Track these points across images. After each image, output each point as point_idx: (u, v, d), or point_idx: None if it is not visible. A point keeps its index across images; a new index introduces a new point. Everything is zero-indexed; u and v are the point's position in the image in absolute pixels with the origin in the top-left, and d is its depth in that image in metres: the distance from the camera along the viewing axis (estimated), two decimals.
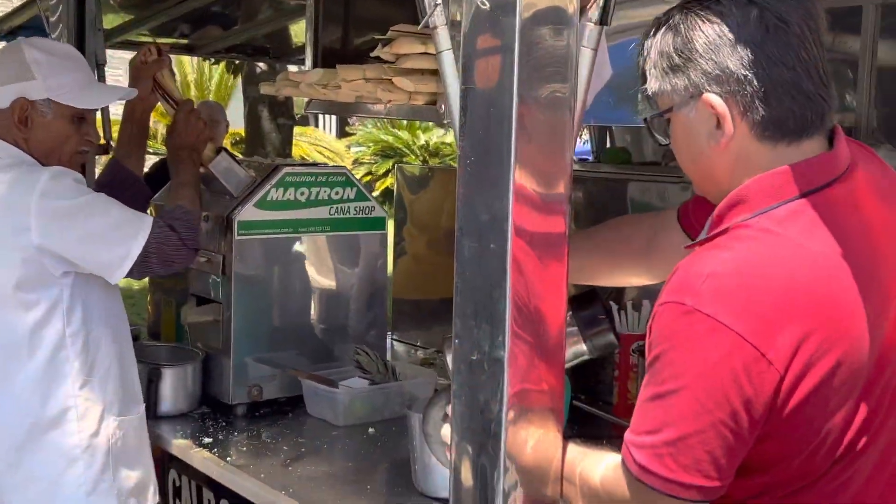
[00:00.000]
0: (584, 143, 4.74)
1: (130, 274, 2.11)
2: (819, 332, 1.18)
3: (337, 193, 2.63)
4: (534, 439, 1.45)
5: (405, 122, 16.99)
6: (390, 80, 2.00)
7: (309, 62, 2.46)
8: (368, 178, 16.23)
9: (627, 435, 1.30)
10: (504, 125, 1.38)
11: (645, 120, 1.43)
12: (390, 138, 16.34)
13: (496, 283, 1.41)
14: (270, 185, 2.51)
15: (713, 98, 1.27)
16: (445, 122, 1.77)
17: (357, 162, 16.71)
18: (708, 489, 1.23)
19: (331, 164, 15.28)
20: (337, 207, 2.63)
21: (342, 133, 20.45)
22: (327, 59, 2.38)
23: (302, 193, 2.57)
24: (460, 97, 1.45)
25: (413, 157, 15.64)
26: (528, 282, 1.41)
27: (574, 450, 1.43)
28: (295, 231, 2.58)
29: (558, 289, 1.43)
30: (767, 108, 1.26)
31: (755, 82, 1.25)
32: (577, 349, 1.75)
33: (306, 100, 2.39)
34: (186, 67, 15.68)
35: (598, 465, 1.38)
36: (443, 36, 1.51)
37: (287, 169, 2.55)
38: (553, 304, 1.44)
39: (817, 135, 1.29)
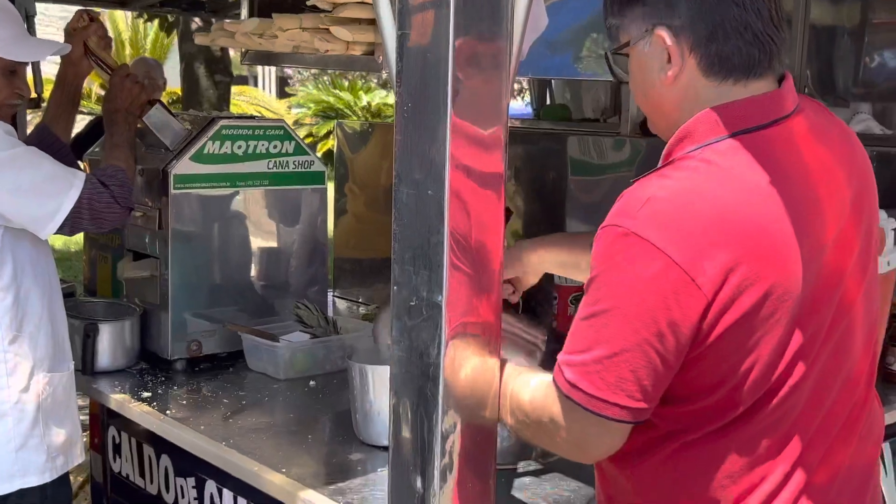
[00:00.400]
0: (525, 105, 4.76)
1: (62, 230, 2.08)
2: (748, 261, 1.21)
3: (275, 147, 2.61)
4: (473, 380, 1.47)
5: (346, 82, 16.82)
6: (327, 29, 1.98)
7: (244, 12, 2.42)
8: (310, 139, 16.05)
9: (560, 355, 1.33)
10: (441, 72, 1.38)
11: (606, 56, 1.46)
12: (331, 99, 16.18)
13: (434, 229, 1.42)
14: (207, 137, 2.48)
15: (664, 32, 1.31)
16: (384, 71, 1.77)
17: (298, 123, 16.52)
18: (631, 409, 1.27)
19: None
20: (275, 161, 2.61)
21: (282, 93, 20.19)
22: (263, 10, 2.34)
23: (239, 147, 2.54)
24: (397, 44, 1.45)
25: (355, 119, 15.51)
26: (466, 227, 1.42)
27: (509, 368, 1.48)
28: (233, 185, 2.56)
29: (496, 231, 1.45)
30: (715, 44, 1.30)
31: (705, 19, 1.29)
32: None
33: (242, 51, 2.35)
34: (121, 25, 15.31)
35: (528, 383, 1.42)
36: None
37: (224, 122, 2.52)
38: (491, 246, 1.46)
39: (766, 75, 1.33)
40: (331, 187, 3.49)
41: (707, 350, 1.25)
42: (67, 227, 2.09)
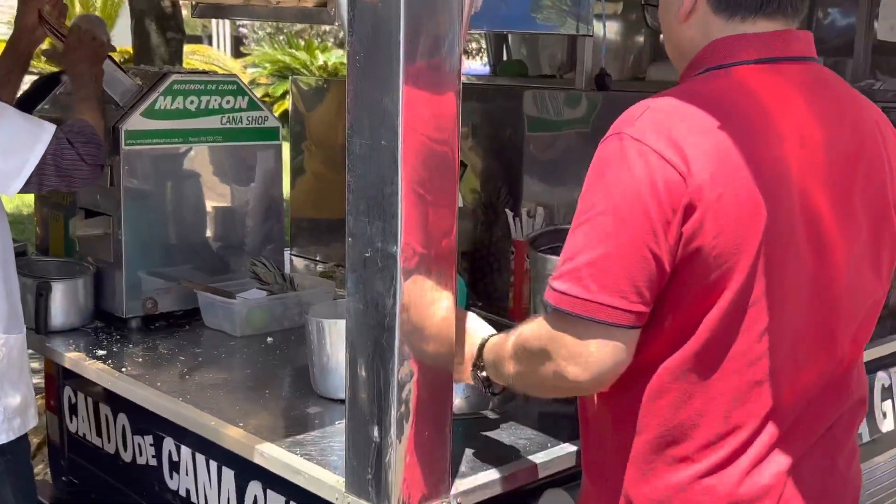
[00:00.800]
0: (484, 66, 4.74)
1: (28, 187, 2.06)
2: (727, 181, 1.25)
3: (228, 102, 2.58)
4: (429, 330, 1.48)
5: (303, 41, 16.61)
6: None
7: None
8: (266, 99, 15.88)
9: (550, 280, 1.33)
10: (392, 21, 1.38)
11: (642, 6, 1.62)
12: (287, 58, 15.98)
13: (388, 180, 1.42)
14: (158, 93, 2.44)
15: None
16: (336, 23, 1.75)
17: (253, 83, 16.31)
18: (629, 312, 1.27)
19: None
20: (229, 117, 2.58)
21: (237, 53, 19.90)
22: None
23: (192, 102, 2.51)
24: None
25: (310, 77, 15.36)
26: (420, 176, 1.42)
27: (498, 337, 1.52)
28: (185, 141, 2.53)
29: (450, 181, 1.45)
30: None
31: None
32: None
33: (192, 3, 2.31)
34: None
35: (524, 324, 1.44)
36: None
37: (175, 76, 2.48)
38: (445, 196, 1.46)
39: (775, 17, 1.38)
40: (287, 146, 3.47)
41: (683, 262, 1.27)
42: (35, 184, 2.06)
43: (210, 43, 21.71)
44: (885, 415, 2.65)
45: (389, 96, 1.39)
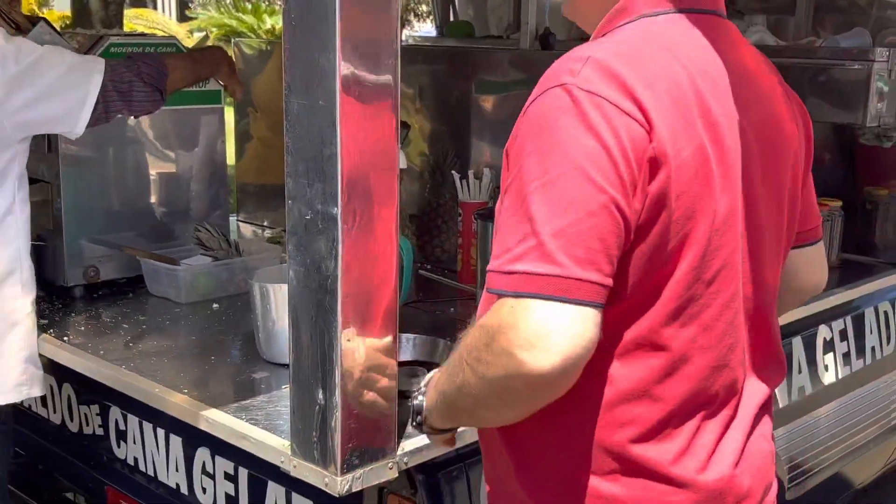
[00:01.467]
0: (433, 28, 4.70)
1: (97, 118, 2.07)
2: (683, 134, 1.16)
3: None
4: (372, 291, 1.48)
5: (249, 5, 16.33)
6: None
7: None
8: None
9: (491, 265, 1.14)
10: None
11: None
12: (234, 22, 15.72)
13: (326, 141, 1.40)
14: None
15: None
16: None
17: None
18: (602, 287, 1.11)
19: None
20: None
21: (182, 17, 19.52)
22: None
23: None
24: None
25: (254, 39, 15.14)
26: (359, 137, 1.41)
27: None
28: None
29: (389, 142, 1.44)
30: None
31: None
32: None
33: None
34: None
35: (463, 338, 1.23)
36: None
37: (113, 39, 2.42)
38: (384, 158, 1.45)
39: None
40: (231, 111, 3.42)
41: (646, 226, 1.15)
42: (101, 113, 2.08)
43: (155, 7, 21.27)
44: (826, 367, 2.71)
45: (326, 56, 1.36)
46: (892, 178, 2.99)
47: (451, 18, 4.00)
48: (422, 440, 1.65)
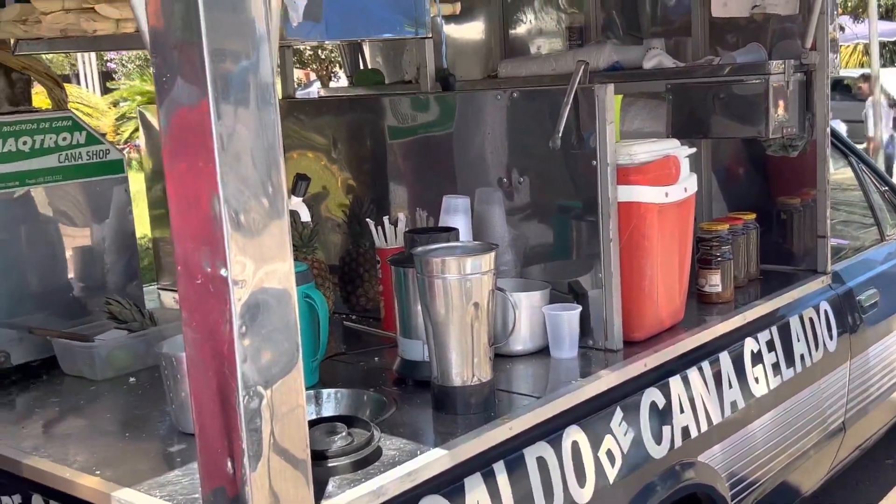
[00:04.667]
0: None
1: None
2: None
3: (65, 139, 2.47)
4: (273, 351, 1.44)
5: None
6: (93, 8, 1.88)
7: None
8: (138, 133, 15.48)
9: None
10: (194, 44, 1.33)
11: None
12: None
13: (209, 203, 1.37)
14: None
15: None
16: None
17: (125, 117, 15.90)
18: None
19: (91, 122, 14.41)
20: (67, 154, 2.48)
21: (105, 90, 19.36)
22: None
23: (24, 143, 2.40)
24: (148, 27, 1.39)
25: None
26: (245, 196, 1.38)
27: None
28: (23, 184, 2.41)
29: (278, 198, 1.41)
30: None
31: None
32: None
33: (12, 42, 2.21)
34: None
35: None
36: None
37: (3, 118, 2.37)
38: (275, 213, 1.42)
39: None
40: (142, 178, 3.36)
41: None
42: None
43: (79, 82, 21.06)
44: (757, 380, 2.72)
45: (200, 117, 1.34)
46: (803, 187, 3.04)
47: (361, 67, 4.00)
48: (343, 499, 1.61)
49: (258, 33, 1.38)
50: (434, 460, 1.76)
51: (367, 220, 2.67)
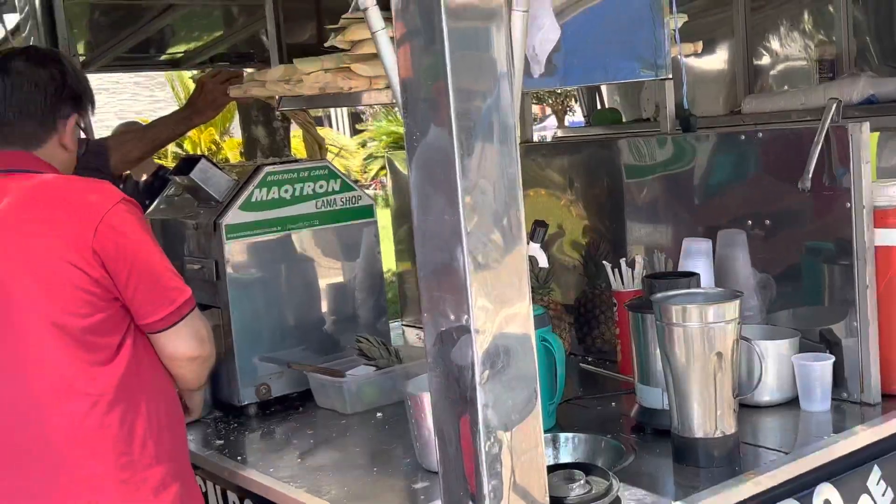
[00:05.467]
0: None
1: None
2: None
3: (321, 187, 2.66)
4: (513, 396, 1.46)
5: None
6: (348, 67, 2.01)
7: (275, 59, 2.48)
8: (384, 171, 16.24)
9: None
10: (442, 107, 1.40)
11: None
12: (401, 129, 16.31)
13: (452, 254, 1.42)
14: (253, 186, 2.54)
15: None
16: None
17: (372, 156, 16.74)
18: None
19: (341, 161, 15.28)
20: (323, 201, 2.66)
21: (354, 131, 20.50)
22: (297, 55, 2.39)
23: (286, 191, 2.60)
24: (399, 78, 1.47)
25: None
26: (486, 245, 1.42)
27: None
28: (283, 229, 2.61)
29: (518, 245, 1.45)
30: None
31: None
32: None
33: (277, 98, 2.40)
34: (189, 83, 15.73)
35: None
36: (374, 17, 1.53)
37: (268, 168, 2.58)
38: (514, 260, 1.45)
39: None
40: (389, 217, 3.54)
41: None
42: None
43: (330, 124, 22.43)
44: None
45: (445, 175, 1.40)
46: None
47: (598, 107, 4.02)
48: None
49: (499, 71, 1.43)
50: None
51: (604, 262, 2.67)
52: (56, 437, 1.86)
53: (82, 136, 2.16)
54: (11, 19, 3.23)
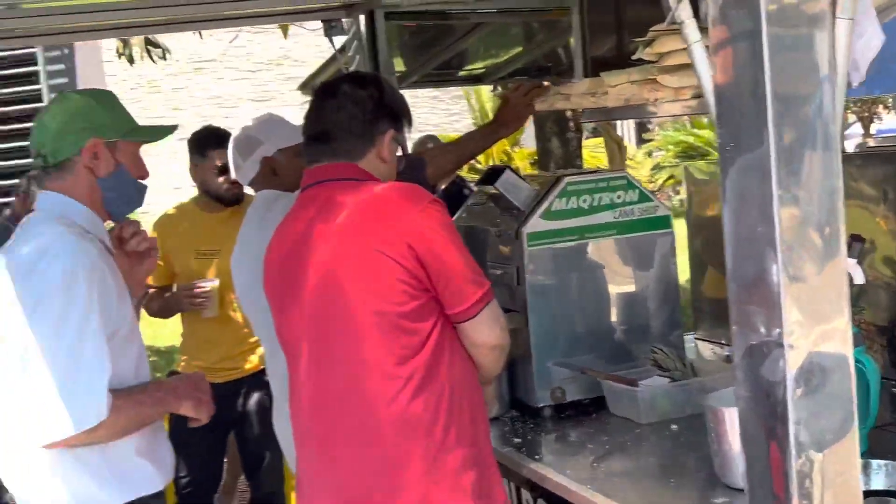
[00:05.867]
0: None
1: None
2: None
3: (619, 197, 2.69)
4: (825, 413, 1.42)
5: (706, 119, 16.50)
6: (654, 79, 2.04)
7: (579, 73, 2.55)
8: (671, 181, 15.95)
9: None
10: (759, 114, 1.38)
11: None
12: (691, 138, 15.96)
13: (765, 267, 1.41)
14: (554, 195, 2.62)
15: None
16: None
17: (658, 167, 16.49)
18: None
19: (629, 171, 15.13)
20: (620, 211, 2.69)
21: (640, 140, 20.28)
22: (599, 68, 2.45)
23: (584, 201, 2.66)
24: (714, 87, 1.47)
25: (716, 155, 15.18)
26: (797, 260, 1.40)
27: None
28: (581, 238, 2.67)
29: (837, 260, 1.41)
30: None
31: None
32: None
33: (580, 110, 2.47)
34: (483, 96, 16.34)
35: None
36: (690, 29, 1.54)
37: (568, 179, 2.65)
38: (834, 276, 1.41)
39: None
40: (684, 228, 3.49)
41: None
42: None
43: (618, 133, 22.27)
44: None
45: (761, 185, 1.39)
46: None
47: None
48: None
49: (822, 77, 1.39)
50: None
51: None
52: (371, 416, 2.03)
53: (399, 152, 2.34)
54: (339, 40, 3.57)
